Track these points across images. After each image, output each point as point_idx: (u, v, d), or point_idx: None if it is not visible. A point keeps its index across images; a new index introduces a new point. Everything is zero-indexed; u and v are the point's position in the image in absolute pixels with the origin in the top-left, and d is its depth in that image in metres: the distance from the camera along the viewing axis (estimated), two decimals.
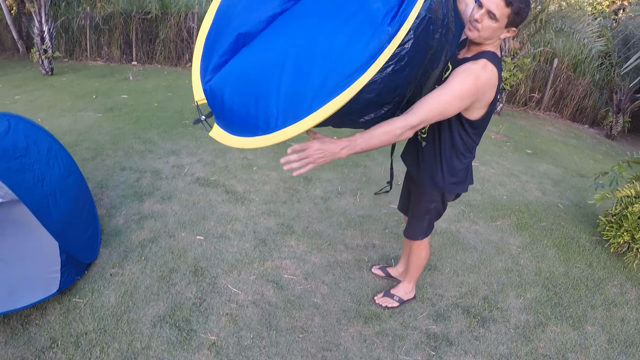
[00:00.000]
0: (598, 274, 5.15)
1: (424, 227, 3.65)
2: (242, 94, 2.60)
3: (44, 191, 3.79)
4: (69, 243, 3.73)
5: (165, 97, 10.32)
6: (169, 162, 6.45)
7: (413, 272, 4.01)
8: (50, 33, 12.55)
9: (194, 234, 4.78)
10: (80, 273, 3.91)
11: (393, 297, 4.04)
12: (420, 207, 3.60)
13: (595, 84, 15.75)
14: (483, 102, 2.92)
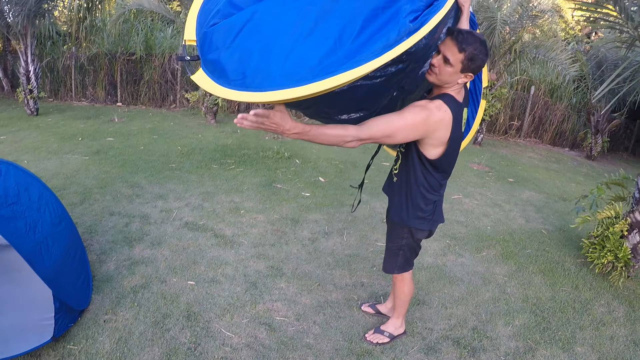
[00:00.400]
0: (585, 296, 5.28)
1: (399, 262, 3.76)
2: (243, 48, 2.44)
3: (36, 239, 3.82)
4: (62, 290, 3.76)
5: (150, 140, 10.40)
6: (157, 207, 6.51)
7: (399, 308, 4.09)
8: (36, 73, 12.69)
9: (185, 279, 4.82)
10: (73, 320, 3.94)
11: (383, 333, 4.11)
12: (392, 243, 3.75)
13: (573, 108, 16.37)
14: (436, 139, 3.08)
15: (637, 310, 5.12)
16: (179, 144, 10.15)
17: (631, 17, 4.94)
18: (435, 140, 3.08)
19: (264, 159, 9.40)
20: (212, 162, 8.88)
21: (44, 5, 12.34)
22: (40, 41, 14.95)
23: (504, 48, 12.56)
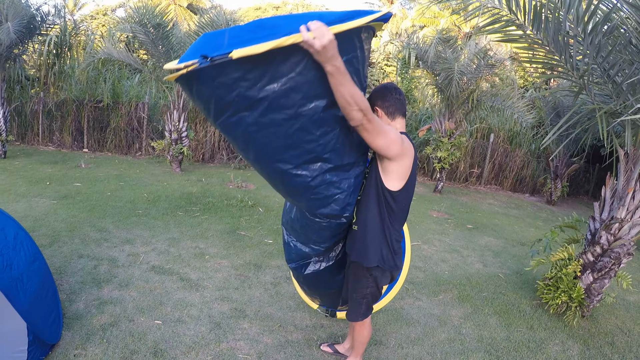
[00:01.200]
0: (539, 335, 5.51)
1: (363, 310, 3.98)
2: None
3: (12, 275, 4.02)
4: (36, 324, 3.93)
5: (117, 187, 10.57)
6: (125, 251, 6.68)
7: (358, 349, 4.28)
8: (4, 116, 12.86)
9: (152, 318, 4.99)
10: (44, 353, 4.09)
11: None
12: (356, 293, 3.93)
13: (532, 154, 16.71)
14: (402, 167, 3.42)
15: (592, 349, 5.36)
16: (145, 191, 10.34)
17: (576, 67, 5.19)
18: (401, 167, 3.41)
19: (228, 207, 9.63)
20: (177, 210, 9.09)
21: (15, 50, 12.56)
22: (9, 85, 15.08)
23: (462, 97, 12.95)
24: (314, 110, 2.95)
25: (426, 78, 14.56)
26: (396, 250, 3.77)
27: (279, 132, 2.98)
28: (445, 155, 13.42)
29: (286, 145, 3.06)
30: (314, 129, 3.03)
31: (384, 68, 25.96)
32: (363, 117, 2.94)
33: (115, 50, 13.27)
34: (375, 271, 3.76)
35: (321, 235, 3.76)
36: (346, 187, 3.43)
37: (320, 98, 2.94)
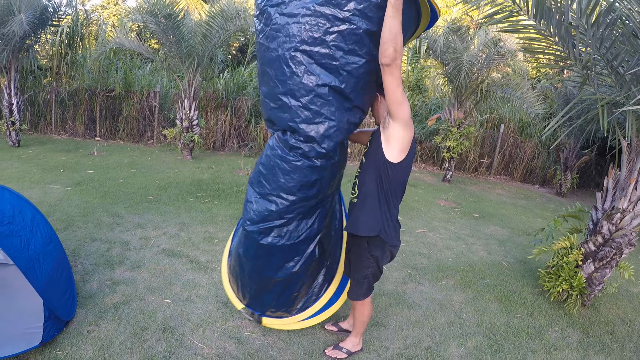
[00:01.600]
0: (539, 322, 5.61)
1: (364, 290, 4.20)
2: None
3: (29, 255, 4.24)
4: (51, 301, 4.13)
5: (129, 174, 10.76)
6: (137, 235, 6.87)
7: (358, 328, 4.48)
8: (18, 106, 13.03)
9: (162, 297, 5.18)
10: (59, 329, 4.28)
11: (342, 350, 4.47)
12: (358, 273, 4.17)
13: (543, 145, 16.45)
14: (405, 139, 3.69)
15: (591, 337, 5.44)
16: (157, 178, 10.53)
17: (579, 58, 5.24)
18: (405, 137, 3.67)
19: (237, 193, 9.80)
20: (188, 196, 9.27)
21: (27, 41, 12.74)
22: (22, 75, 15.26)
23: (471, 87, 12.98)
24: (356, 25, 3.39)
25: (436, 68, 14.58)
26: (396, 225, 3.97)
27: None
28: (454, 144, 13.43)
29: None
30: (349, 44, 3.43)
31: None
32: (395, 59, 3.26)
33: (127, 40, 13.41)
34: (375, 250, 3.97)
35: (289, 180, 3.74)
36: (337, 121, 3.60)
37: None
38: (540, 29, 5.41)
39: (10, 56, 12.33)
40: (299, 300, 4.44)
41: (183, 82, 13.22)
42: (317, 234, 4.11)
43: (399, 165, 3.76)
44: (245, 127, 16.35)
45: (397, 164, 3.75)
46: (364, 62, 3.45)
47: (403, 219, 9.08)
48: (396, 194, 3.91)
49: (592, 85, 5.61)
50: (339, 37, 3.35)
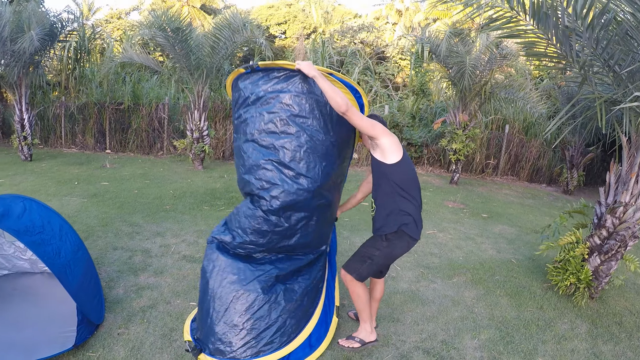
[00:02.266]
0: (549, 315, 5.79)
1: (361, 269, 4.43)
2: None
3: (61, 262, 4.47)
4: (83, 305, 4.36)
5: (143, 185, 11.00)
6: (157, 243, 7.10)
7: (360, 312, 4.66)
8: (30, 121, 13.31)
9: (187, 300, 5.40)
10: (91, 332, 4.50)
11: (355, 339, 4.65)
12: (365, 249, 4.47)
13: (548, 144, 16.50)
14: (392, 142, 4.26)
15: (600, 327, 5.60)
16: (171, 188, 10.75)
17: (577, 60, 5.42)
18: (391, 141, 4.25)
19: None
20: (203, 204, 9.49)
21: (36, 57, 12.99)
22: (32, 90, 15.50)
23: (475, 90, 13.12)
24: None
25: (440, 71, 14.73)
26: (416, 219, 4.30)
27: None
28: (460, 147, 13.57)
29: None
30: (280, 127, 4.46)
31: (398, 62, 26.09)
32: (343, 107, 3.96)
33: (135, 54, 13.66)
34: (393, 235, 4.27)
35: (245, 222, 4.61)
36: (283, 186, 4.44)
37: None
38: (538, 33, 5.61)
39: (20, 72, 12.59)
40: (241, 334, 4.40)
41: (192, 94, 13.45)
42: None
43: (397, 165, 4.23)
44: None
45: (395, 164, 4.23)
46: (294, 138, 4.40)
47: None
48: (408, 188, 4.28)
49: (590, 84, 5.80)
50: (272, 125, 4.42)
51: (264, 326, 4.37)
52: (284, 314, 4.49)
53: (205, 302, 4.49)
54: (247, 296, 4.40)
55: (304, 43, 17.40)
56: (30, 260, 5.76)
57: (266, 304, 4.42)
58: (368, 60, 22.81)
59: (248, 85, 4.54)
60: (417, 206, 4.32)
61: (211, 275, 4.56)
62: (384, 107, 17.08)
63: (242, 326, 4.31)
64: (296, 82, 4.39)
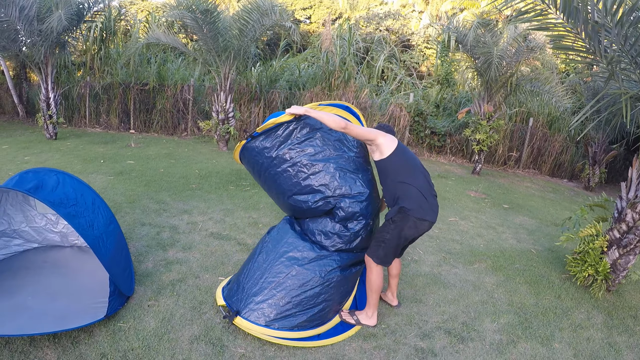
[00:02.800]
0: (566, 304, 5.85)
1: (379, 252, 4.66)
2: None
3: (94, 234, 4.58)
4: (115, 276, 4.46)
5: (169, 164, 11.13)
6: (184, 220, 7.21)
7: (370, 299, 4.83)
8: (55, 100, 13.46)
9: (215, 275, 5.51)
10: (122, 304, 4.61)
11: (353, 317, 4.85)
12: (379, 234, 4.70)
13: (571, 139, 16.43)
14: (383, 144, 4.64)
15: (615, 319, 5.64)
16: (196, 168, 10.87)
17: (604, 55, 5.45)
18: (382, 144, 4.64)
19: None
20: (228, 184, 9.61)
21: (62, 37, 13.13)
22: (57, 70, 15.63)
23: (501, 81, 13.08)
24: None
25: (466, 61, 14.69)
26: (420, 200, 4.57)
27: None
28: (484, 137, 13.56)
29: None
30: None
31: (423, 51, 26.02)
32: (341, 127, 4.41)
33: (162, 35, 13.69)
34: (396, 216, 4.54)
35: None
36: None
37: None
38: (567, 27, 5.61)
39: (47, 52, 12.71)
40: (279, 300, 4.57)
41: (218, 76, 13.52)
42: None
43: (392, 154, 4.64)
44: None
45: (390, 155, 4.63)
46: (324, 172, 4.85)
47: None
48: (406, 174, 4.64)
49: (617, 80, 5.81)
50: (301, 173, 4.91)
51: (309, 306, 4.54)
52: (329, 299, 4.67)
53: (257, 268, 4.75)
54: (304, 274, 4.60)
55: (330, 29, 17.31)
56: (61, 234, 5.88)
57: (319, 287, 4.61)
58: (393, 48, 22.75)
59: (257, 156, 5.00)
60: (419, 188, 4.60)
61: (274, 245, 4.89)
62: (409, 95, 17.09)
63: (289, 300, 4.49)
64: (296, 132, 4.90)
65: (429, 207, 4.58)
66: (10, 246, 5.60)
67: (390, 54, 22.50)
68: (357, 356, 4.33)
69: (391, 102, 16.44)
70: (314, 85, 16.24)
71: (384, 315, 5.08)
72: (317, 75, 16.70)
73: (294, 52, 21.56)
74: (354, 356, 4.32)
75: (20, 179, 4.65)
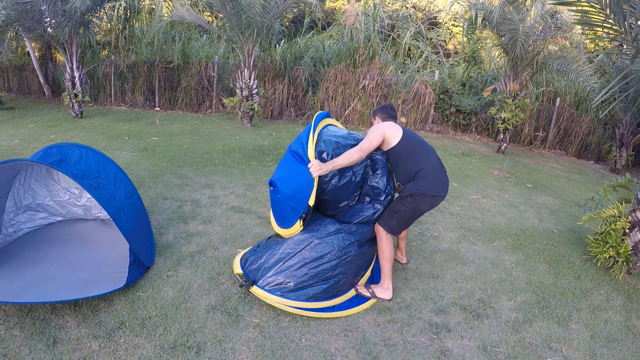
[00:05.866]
0: (585, 285, 5.80)
1: (391, 222, 4.79)
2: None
3: (115, 205, 4.67)
4: (135, 247, 4.56)
5: (192, 140, 11.21)
6: (205, 194, 7.29)
7: (384, 269, 4.91)
8: (80, 79, 13.62)
9: (234, 247, 5.59)
10: (141, 273, 4.71)
11: (368, 290, 4.92)
12: (394, 205, 4.82)
13: (599, 121, 16.19)
14: (388, 137, 4.78)
15: (635, 302, 5.56)
16: (220, 144, 10.95)
17: (629, 31, 5.36)
18: (388, 138, 4.79)
19: None
20: (251, 160, 9.67)
21: (86, 16, 13.22)
22: (82, 50, 15.76)
23: (527, 59, 12.92)
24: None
25: (492, 39, 14.55)
26: (433, 179, 4.74)
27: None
28: (509, 116, 13.42)
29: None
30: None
31: (450, 28, 25.79)
32: (359, 152, 4.50)
33: (186, 13, 13.73)
34: (416, 193, 4.68)
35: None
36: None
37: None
38: (592, 2, 5.52)
39: (71, 31, 12.81)
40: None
41: (242, 53, 13.53)
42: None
43: (401, 141, 4.76)
44: (303, 97, 16.71)
45: (398, 143, 4.76)
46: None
47: (457, 186, 9.39)
48: (420, 155, 4.80)
49: None
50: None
51: (326, 277, 4.58)
52: (345, 272, 4.71)
53: (276, 240, 4.88)
54: (322, 247, 4.62)
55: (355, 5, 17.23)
56: (84, 207, 5.99)
57: (336, 260, 4.63)
58: (420, 25, 22.60)
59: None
60: (433, 167, 4.78)
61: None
62: (434, 72, 16.98)
63: (306, 271, 4.53)
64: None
65: (442, 184, 4.77)
66: (35, 219, 5.71)
67: (417, 31, 22.35)
68: (371, 329, 4.37)
69: (416, 80, 16.35)
70: (338, 62, 16.18)
71: (400, 290, 5.11)
72: (341, 52, 16.63)
73: (319, 29, 21.48)
74: (367, 329, 4.36)
75: (44, 154, 4.76)
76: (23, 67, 20.13)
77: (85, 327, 3.92)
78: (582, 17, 6.01)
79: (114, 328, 3.96)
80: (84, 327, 3.93)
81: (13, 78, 20.81)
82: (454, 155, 12.81)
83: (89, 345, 3.72)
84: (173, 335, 3.95)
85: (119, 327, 3.98)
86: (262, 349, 3.91)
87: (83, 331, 3.88)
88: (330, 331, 4.26)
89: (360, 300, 4.80)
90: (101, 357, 3.61)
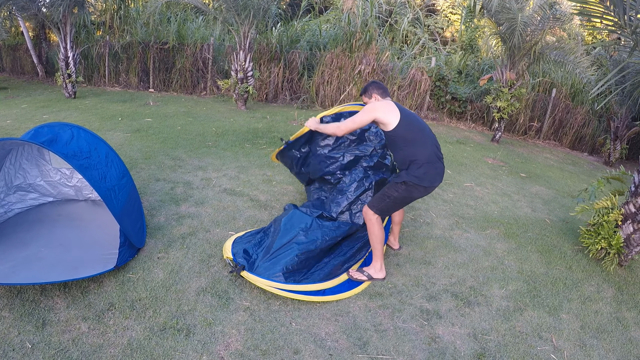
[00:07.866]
0: (576, 275, 5.81)
1: (380, 205, 4.85)
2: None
3: (106, 186, 4.63)
4: (126, 228, 4.53)
5: (186, 122, 11.15)
6: (198, 176, 7.26)
7: (375, 250, 4.93)
8: (74, 59, 13.51)
9: (226, 230, 5.56)
10: (132, 255, 4.69)
11: (364, 273, 4.93)
12: (387, 189, 4.82)
13: (594, 113, 16.13)
14: (386, 117, 4.67)
15: (625, 294, 5.57)
16: (213, 126, 10.89)
17: (629, 23, 5.30)
18: (385, 117, 4.69)
19: None
20: (244, 142, 9.63)
21: None
22: (76, 30, 15.66)
23: (524, 49, 12.85)
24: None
25: (490, 28, 14.49)
26: (429, 167, 4.69)
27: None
28: (505, 105, 13.37)
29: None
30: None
31: (448, 16, 25.70)
32: (335, 129, 4.87)
33: None
34: (410, 181, 4.66)
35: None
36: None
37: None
38: None
39: (66, 11, 12.69)
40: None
41: (238, 35, 13.45)
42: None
43: (397, 127, 4.66)
44: (298, 80, 16.65)
45: (396, 127, 4.66)
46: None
47: (451, 173, 9.36)
48: (417, 144, 4.70)
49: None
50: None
51: (316, 261, 4.89)
52: (337, 256, 5.04)
53: (275, 228, 5.10)
54: (313, 234, 4.94)
55: None
56: (75, 188, 5.96)
57: (327, 244, 4.96)
58: (418, 12, 22.52)
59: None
60: (429, 157, 4.71)
61: (286, 221, 5.15)
62: (431, 59, 16.93)
63: (296, 254, 4.67)
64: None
65: (436, 174, 4.75)
66: (26, 200, 5.69)
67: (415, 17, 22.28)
68: (362, 314, 4.36)
69: (412, 66, 16.28)
70: (334, 47, 16.11)
71: (392, 275, 5.11)
72: (338, 36, 16.55)
73: (316, 13, 21.38)
74: (358, 313, 4.36)
75: (35, 133, 4.72)
76: (16, 46, 20.00)
77: (74, 309, 3.91)
78: (582, 8, 5.97)
79: (104, 310, 3.95)
80: (73, 308, 3.91)
81: (6, 58, 20.70)
82: (448, 142, 12.76)
83: (78, 327, 3.71)
84: (163, 317, 3.94)
85: (108, 308, 3.97)
86: (252, 332, 3.90)
87: (72, 313, 3.86)
88: (321, 315, 4.25)
89: (351, 284, 4.79)
90: (90, 338, 3.60)
